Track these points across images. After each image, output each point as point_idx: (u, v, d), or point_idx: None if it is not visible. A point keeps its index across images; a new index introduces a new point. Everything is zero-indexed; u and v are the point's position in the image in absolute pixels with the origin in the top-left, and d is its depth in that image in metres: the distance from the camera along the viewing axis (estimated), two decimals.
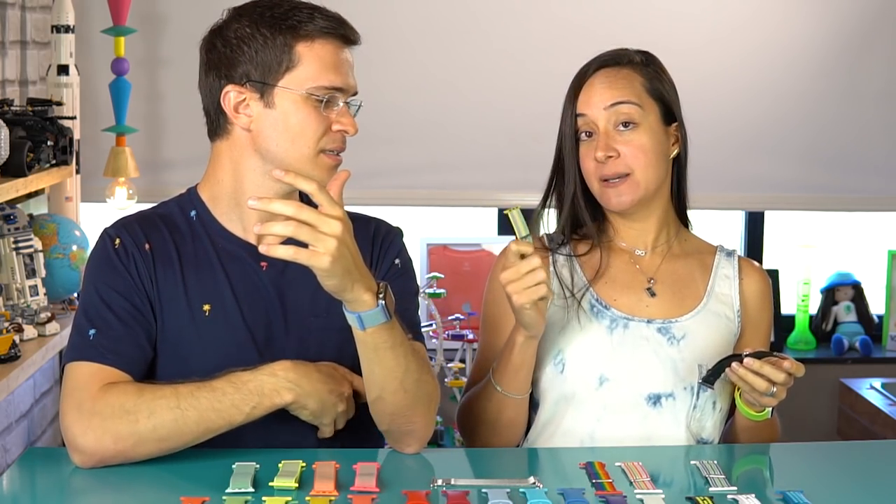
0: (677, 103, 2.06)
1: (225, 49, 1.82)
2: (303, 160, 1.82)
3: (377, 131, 3.38)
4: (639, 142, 1.99)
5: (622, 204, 2.01)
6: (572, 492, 1.69)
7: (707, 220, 4.52)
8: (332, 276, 1.65)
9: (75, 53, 3.23)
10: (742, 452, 1.97)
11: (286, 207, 1.62)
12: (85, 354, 1.80)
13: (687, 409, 2.00)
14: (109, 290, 1.84)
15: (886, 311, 3.94)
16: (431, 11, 3.64)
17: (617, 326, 2.01)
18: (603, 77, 2.01)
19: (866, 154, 3.78)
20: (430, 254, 3.85)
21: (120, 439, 1.73)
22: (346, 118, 1.84)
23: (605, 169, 1.99)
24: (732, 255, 2.13)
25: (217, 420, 1.74)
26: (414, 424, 1.83)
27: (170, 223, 1.91)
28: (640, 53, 2.06)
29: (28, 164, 2.75)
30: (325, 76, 1.81)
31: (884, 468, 1.91)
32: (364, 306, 1.70)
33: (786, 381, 1.86)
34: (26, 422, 2.94)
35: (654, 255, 2.08)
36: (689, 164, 2.13)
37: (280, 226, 1.62)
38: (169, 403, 1.73)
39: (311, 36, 1.80)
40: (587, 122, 2.00)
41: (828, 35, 3.70)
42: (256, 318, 1.85)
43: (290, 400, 1.76)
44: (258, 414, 1.75)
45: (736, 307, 2.08)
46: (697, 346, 2.01)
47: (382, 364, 1.76)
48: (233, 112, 1.83)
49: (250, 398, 1.74)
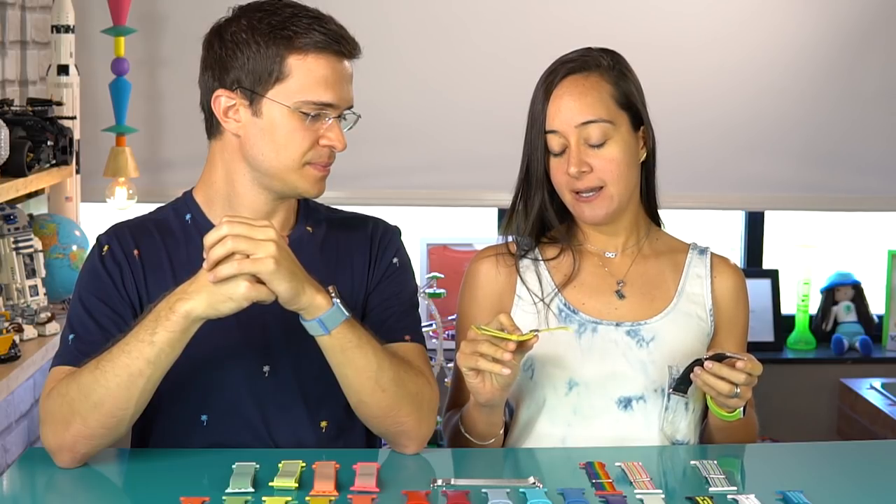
0: (644, 104, 2.03)
1: (220, 51, 1.82)
2: (287, 171, 1.82)
3: (377, 131, 3.38)
4: (611, 155, 1.96)
5: (596, 217, 2.00)
6: (572, 492, 1.69)
7: (707, 220, 4.54)
8: (281, 279, 1.66)
9: (75, 53, 3.23)
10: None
11: (218, 230, 1.65)
12: (63, 359, 1.82)
13: (658, 412, 1.99)
14: (91, 296, 1.85)
15: (886, 311, 3.93)
16: (432, 11, 3.63)
17: (585, 331, 2.00)
18: (571, 87, 1.97)
19: (866, 154, 3.78)
20: (429, 254, 3.85)
21: (68, 424, 1.72)
22: (334, 133, 1.82)
23: (577, 183, 1.97)
24: (705, 253, 2.10)
25: (132, 362, 1.68)
26: (403, 424, 1.83)
27: (163, 229, 1.91)
28: (605, 54, 2.02)
29: (28, 164, 2.75)
30: (314, 91, 1.79)
31: (884, 468, 1.90)
32: (320, 309, 1.71)
33: (747, 381, 1.83)
34: (26, 422, 2.94)
35: (624, 257, 2.07)
36: (687, 163, 2.13)
37: (218, 247, 1.64)
38: (89, 368, 1.72)
39: (304, 49, 1.78)
40: (558, 139, 1.97)
41: (828, 35, 3.70)
42: (252, 321, 1.83)
43: (183, 309, 1.68)
44: (164, 339, 1.68)
45: (708, 306, 2.05)
46: (667, 348, 2.00)
47: (353, 365, 1.76)
48: (222, 116, 1.83)
49: (149, 325, 1.69)
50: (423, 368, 1.89)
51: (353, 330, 1.75)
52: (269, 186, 1.85)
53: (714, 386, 1.83)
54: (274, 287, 1.67)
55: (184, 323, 1.68)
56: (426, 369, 1.90)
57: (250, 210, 1.85)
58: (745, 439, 2.00)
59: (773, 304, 3.89)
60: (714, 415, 1.94)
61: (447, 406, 2.11)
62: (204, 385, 1.86)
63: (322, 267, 1.89)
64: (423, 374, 1.87)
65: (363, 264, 1.95)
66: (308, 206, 1.97)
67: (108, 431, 1.73)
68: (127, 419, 1.73)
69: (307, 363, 1.84)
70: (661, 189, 2.10)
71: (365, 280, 1.94)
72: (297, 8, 1.82)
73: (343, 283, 1.90)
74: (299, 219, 1.95)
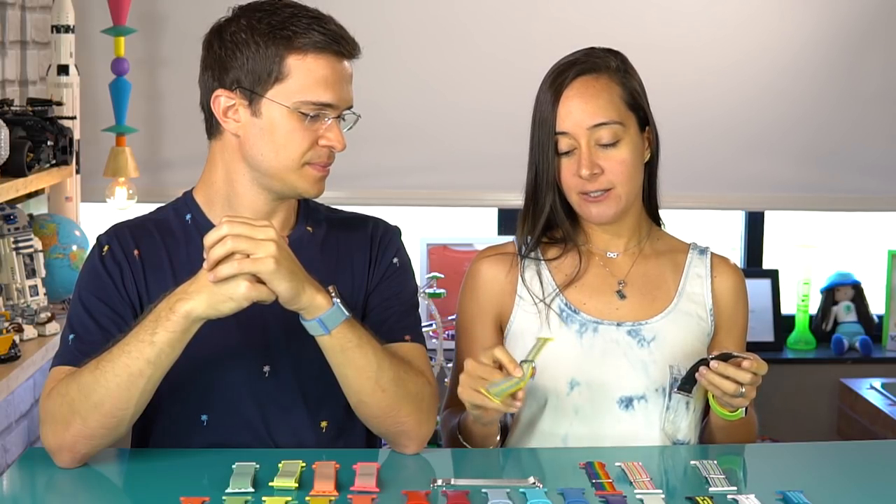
0: (648, 104, 2.03)
1: (220, 51, 1.82)
2: (286, 171, 1.82)
3: (377, 131, 3.38)
4: (621, 157, 1.97)
5: (604, 217, 2.00)
6: (572, 492, 1.69)
7: (707, 220, 4.54)
8: (281, 278, 1.66)
9: (75, 53, 3.23)
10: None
11: (218, 230, 1.65)
12: (63, 359, 1.82)
13: (659, 411, 1.99)
14: (91, 297, 1.85)
15: (886, 311, 3.93)
16: (432, 11, 3.63)
17: (587, 331, 2.01)
18: (581, 89, 1.97)
19: (866, 154, 3.78)
20: (429, 254, 3.84)
21: (68, 424, 1.72)
22: (333, 133, 1.82)
23: (588, 185, 1.97)
24: (705, 253, 2.11)
25: (132, 363, 1.68)
26: (403, 424, 1.83)
27: (164, 229, 1.91)
28: (612, 56, 2.02)
29: (28, 164, 2.75)
30: (313, 92, 1.78)
31: (884, 468, 1.90)
32: (321, 309, 1.71)
33: (752, 381, 1.83)
34: (26, 422, 2.94)
35: (626, 257, 2.07)
36: (688, 163, 2.13)
37: (218, 246, 1.65)
38: (89, 369, 1.72)
39: (303, 49, 1.78)
40: (568, 140, 1.98)
41: (828, 34, 3.69)
42: (252, 322, 1.83)
43: (183, 309, 1.68)
44: (165, 339, 1.68)
45: (708, 306, 2.06)
46: (668, 348, 2.00)
47: (353, 365, 1.76)
48: (222, 116, 1.83)
49: (149, 326, 1.69)
50: (424, 368, 1.89)
51: (354, 330, 1.75)
52: (269, 186, 1.85)
53: (720, 385, 1.83)
54: (274, 287, 1.67)
55: (184, 323, 1.68)
56: (426, 369, 1.90)
57: (250, 210, 1.85)
58: (745, 439, 2.00)
59: (773, 304, 3.89)
60: (716, 414, 1.94)
61: (445, 404, 2.12)
62: (204, 385, 1.86)
63: (322, 267, 1.89)
64: (423, 375, 1.87)
65: (363, 264, 1.95)
66: (308, 206, 1.97)
67: (107, 432, 1.73)
68: (127, 419, 1.73)
69: (307, 363, 1.84)
70: (662, 189, 2.11)
71: (365, 280, 1.94)
72: (297, 8, 1.81)
73: (343, 283, 1.90)
74: (299, 219, 1.95)
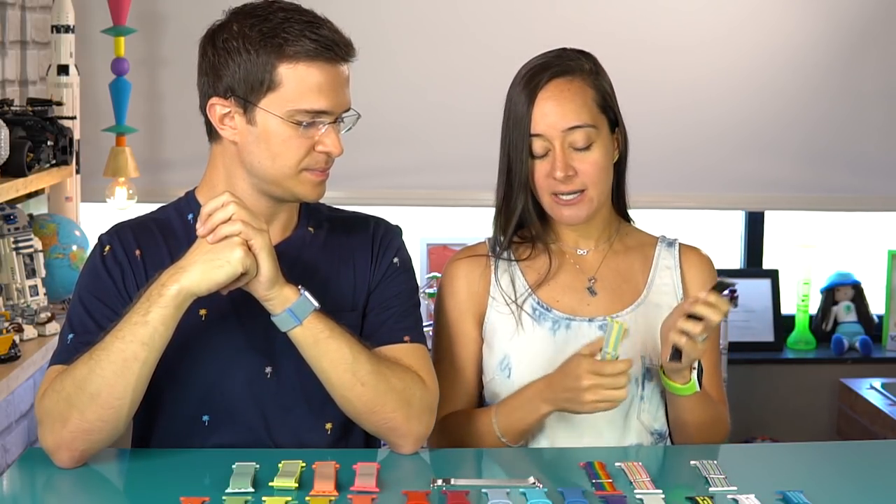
0: (617, 105, 2.05)
1: (213, 58, 1.81)
2: (284, 178, 1.82)
3: (377, 132, 3.38)
4: (594, 159, 1.98)
5: (576, 219, 2.02)
6: (572, 492, 1.69)
7: (707, 220, 4.53)
8: (269, 256, 1.72)
9: (75, 53, 3.23)
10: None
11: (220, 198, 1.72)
12: (60, 358, 1.81)
13: (635, 402, 2.01)
14: (91, 296, 1.84)
15: (886, 311, 3.93)
16: (432, 11, 3.63)
17: (559, 328, 2.02)
18: (556, 91, 1.98)
19: (866, 154, 3.78)
20: (429, 254, 3.84)
21: (65, 420, 1.72)
22: (330, 139, 1.80)
23: (561, 186, 1.98)
24: (674, 245, 2.13)
25: (126, 347, 1.69)
26: (392, 421, 1.82)
27: (165, 229, 1.90)
28: (585, 58, 2.03)
29: (28, 164, 2.75)
30: (307, 100, 1.77)
31: (884, 468, 1.91)
32: (289, 300, 1.74)
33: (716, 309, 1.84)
34: (26, 422, 2.94)
35: (596, 254, 2.09)
36: (687, 163, 2.14)
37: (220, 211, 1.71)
38: (83, 360, 1.72)
39: (295, 57, 1.76)
40: (542, 143, 1.99)
41: (827, 34, 3.69)
42: (254, 321, 1.83)
43: (175, 283, 1.69)
44: (158, 317, 1.69)
45: (679, 295, 2.07)
46: (639, 339, 2.02)
47: (328, 357, 1.77)
48: (219, 124, 1.82)
49: (141, 307, 1.70)
50: (419, 367, 1.88)
51: (324, 321, 1.76)
52: (269, 192, 1.85)
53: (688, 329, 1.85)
54: (261, 261, 1.71)
55: (176, 298, 1.69)
56: (423, 368, 1.89)
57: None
58: (712, 427, 2.00)
59: (773, 304, 3.90)
60: (669, 391, 1.95)
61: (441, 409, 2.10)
62: (206, 386, 1.86)
63: (324, 267, 1.90)
64: (411, 371, 1.86)
65: (365, 264, 1.95)
66: (309, 206, 1.97)
67: (105, 425, 1.72)
68: (125, 410, 1.72)
69: (309, 365, 1.83)
70: (660, 189, 2.11)
71: (367, 279, 1.94)
72: (290, 12, 1.79)
73: (346, 282, 1.90)
74: (301, 220, 1.95)
